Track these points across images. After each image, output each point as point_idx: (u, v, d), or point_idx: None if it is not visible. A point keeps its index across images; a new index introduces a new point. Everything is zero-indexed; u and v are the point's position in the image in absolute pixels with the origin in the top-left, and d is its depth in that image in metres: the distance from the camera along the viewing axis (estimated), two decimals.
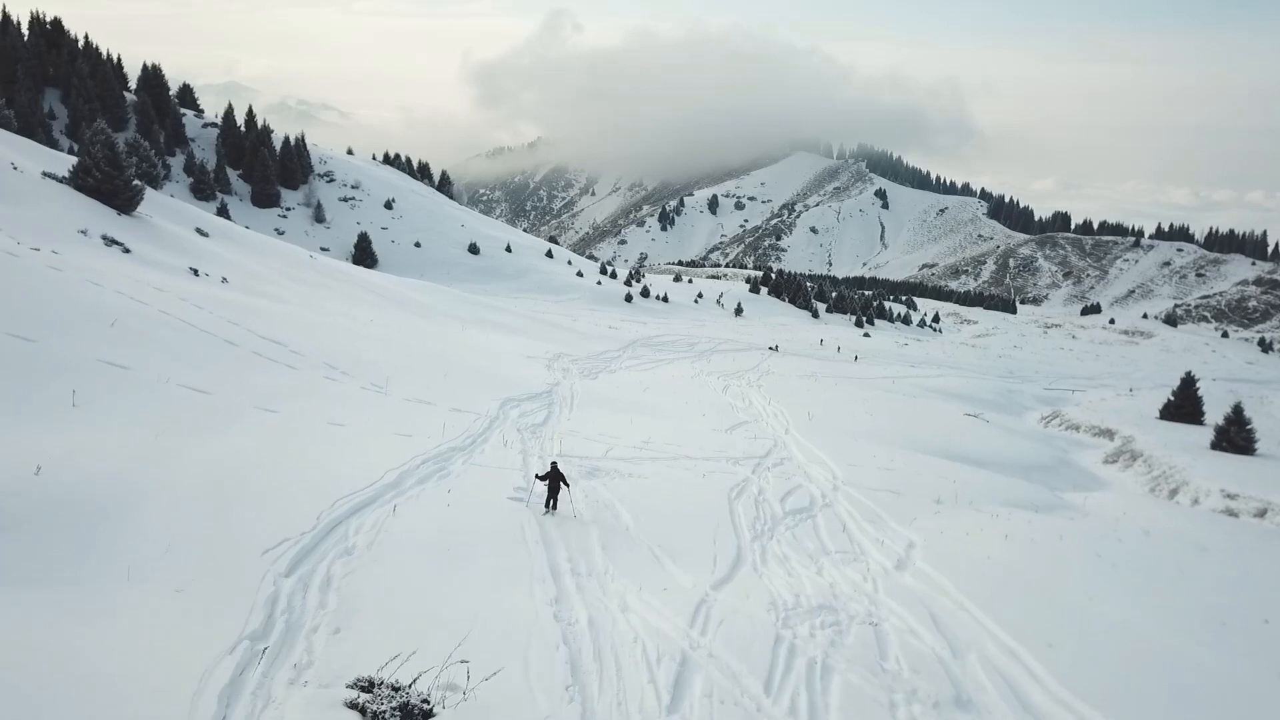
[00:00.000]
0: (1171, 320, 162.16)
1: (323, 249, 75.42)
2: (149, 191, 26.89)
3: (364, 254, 75.63)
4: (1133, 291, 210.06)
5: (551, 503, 10.61)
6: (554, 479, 10.58)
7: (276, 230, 75.48)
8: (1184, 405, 45.01)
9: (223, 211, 69.56)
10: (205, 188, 73.53)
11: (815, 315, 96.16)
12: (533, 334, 39.56)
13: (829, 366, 55.27)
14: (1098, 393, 61.16)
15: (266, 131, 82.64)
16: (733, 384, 33.94)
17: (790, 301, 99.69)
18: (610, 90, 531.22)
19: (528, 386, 20.35)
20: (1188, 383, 46.15)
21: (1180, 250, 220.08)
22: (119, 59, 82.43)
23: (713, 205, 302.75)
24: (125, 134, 76.26)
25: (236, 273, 23.81)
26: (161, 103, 78.14)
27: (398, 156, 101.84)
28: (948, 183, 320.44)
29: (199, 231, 27.64)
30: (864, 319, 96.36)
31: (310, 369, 15.18)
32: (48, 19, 76.93)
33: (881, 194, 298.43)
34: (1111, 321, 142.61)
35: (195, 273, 21.19)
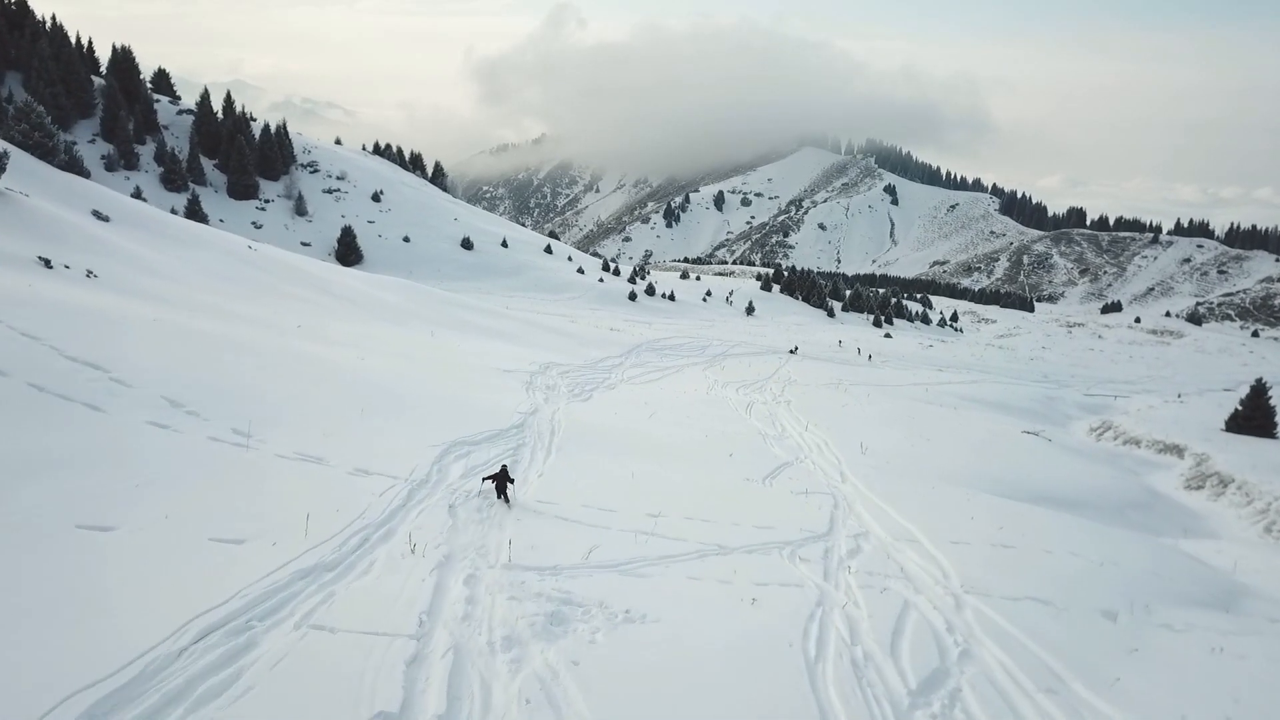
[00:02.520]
0: (1195, 318, 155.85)
1: (303, 244, 70.08)
2: (30, 163, 21.47)
3: (348, 249, 70.37)
4: (1152, 289, 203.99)
5: (503, 497, 10.19)
6: (501, 479, 10.24)
7: (254, 224, 70.21)
8: (1254, 416, 39.66)
9: (194, 203, 64.24)
10: (176, 178, 68.22)
11: (831, 314, 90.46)
12: (520, 339, 34.14)
13: (854, 372, 49.89)
14: (1142, 399, 55.64)
15: (245, 119, 77.23)
16: (755, 399, 28.43)
17: (804, 300, 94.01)
18: (615, 85, 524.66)
19: (492, 418, 14.83)
20: (1258, 391, 40.62)
21: (1200, 246, 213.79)
22: (90, 42, 77.21)
23: (719, 202, 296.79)
24: (88, 120, 71.31)
25: (124, 266, 18.37)
26: (131, 87, 72.79)
27: (388, 147, 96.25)
28: (958, 178, 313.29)
29: (96, 214, 22.20)
30: (882, 318, 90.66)
31: (130, 409, 9.69)
32: None
33: (891, 190, 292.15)
34: (1137, 320, 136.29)
35: (47, 264, 15.75)
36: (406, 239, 75.78)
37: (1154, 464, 37.12)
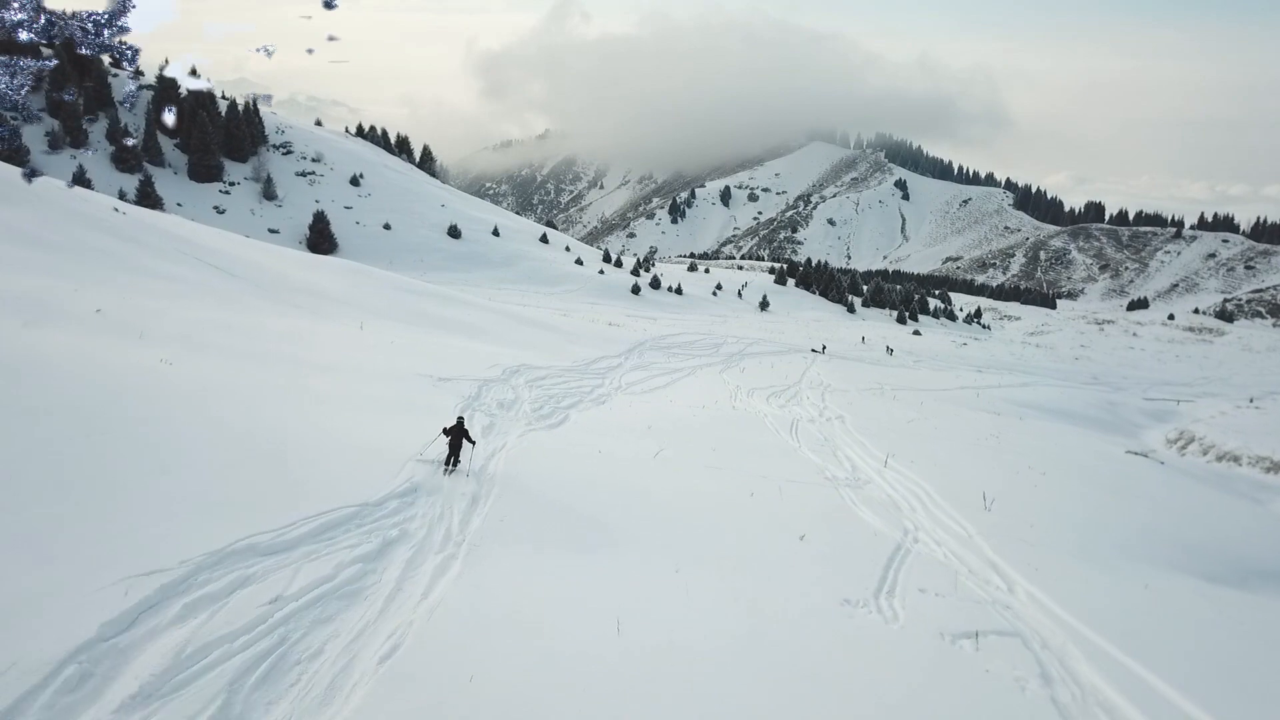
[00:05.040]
0: (1225, 315, 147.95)
1: (271, 231, 63.13)
2: None
3: (320, 236, 63.39)
4: (1176, 285, 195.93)
5: (452, 460, 9.09)
6: (457, 435, 9.07)
7: (216, 208, 63.31)
8: None
9: (147, 184, 57.36)
10: (129, 157, 61.36)
11: (851, 310, 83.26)
12: (492, 335, 27.15)
13: (892, 374, 42.79)
14: (1210, 403, 48.65)
15: (209, 95, 70.33)
16: (797, 415, 21.35)
17: (821, 294, 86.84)
18: (620, 79, 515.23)
19: (344, 481, 7.74)
20: None
21: (1226, 241, 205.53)
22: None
23: (725, 197, 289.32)
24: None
25: None
26: (81, 57, 65.92)
27: (372, 129, 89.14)
28: (970, 173, 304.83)
29: None
30: (907, 314, 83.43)
31: None
32: None
33: (901, 184, 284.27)
34: (1171, 317, 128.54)
35: None
36: (387, 226, 68.89)
37: (1269, 487, 30.29)
